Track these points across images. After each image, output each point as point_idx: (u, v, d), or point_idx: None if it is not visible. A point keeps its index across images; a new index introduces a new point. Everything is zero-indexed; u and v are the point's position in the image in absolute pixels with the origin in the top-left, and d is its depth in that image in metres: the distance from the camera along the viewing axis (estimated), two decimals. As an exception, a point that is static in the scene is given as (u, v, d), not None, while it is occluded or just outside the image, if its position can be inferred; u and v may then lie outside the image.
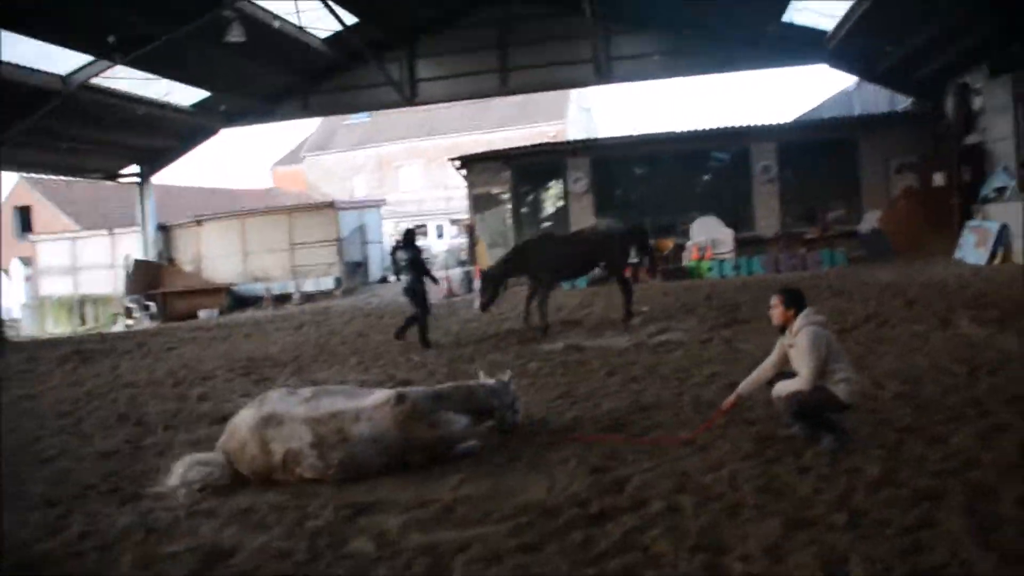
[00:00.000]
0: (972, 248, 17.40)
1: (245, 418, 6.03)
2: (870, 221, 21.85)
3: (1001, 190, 17.89)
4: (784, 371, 6.11)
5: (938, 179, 21.31)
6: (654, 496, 5.08)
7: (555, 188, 24.72)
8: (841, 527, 4.39)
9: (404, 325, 13.00)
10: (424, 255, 14.16)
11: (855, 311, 11.94)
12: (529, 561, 4.24)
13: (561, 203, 24.38)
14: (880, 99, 25.59)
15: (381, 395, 6.20)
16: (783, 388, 5.92)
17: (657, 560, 4.16)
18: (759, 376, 6.30)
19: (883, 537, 4.23)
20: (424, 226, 45.56)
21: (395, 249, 13.43)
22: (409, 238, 13.14)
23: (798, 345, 5.77)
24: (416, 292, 12.70)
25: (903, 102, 23.79)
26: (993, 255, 16.47)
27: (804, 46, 21.53)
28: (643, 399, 7.87)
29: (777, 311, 5.96)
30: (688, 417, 7.00)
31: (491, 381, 6.78)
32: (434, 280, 13.36)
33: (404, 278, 13.10)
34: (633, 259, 15.13)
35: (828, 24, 20.09)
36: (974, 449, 5.49)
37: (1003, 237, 16.45)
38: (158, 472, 6.60)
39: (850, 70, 23.46)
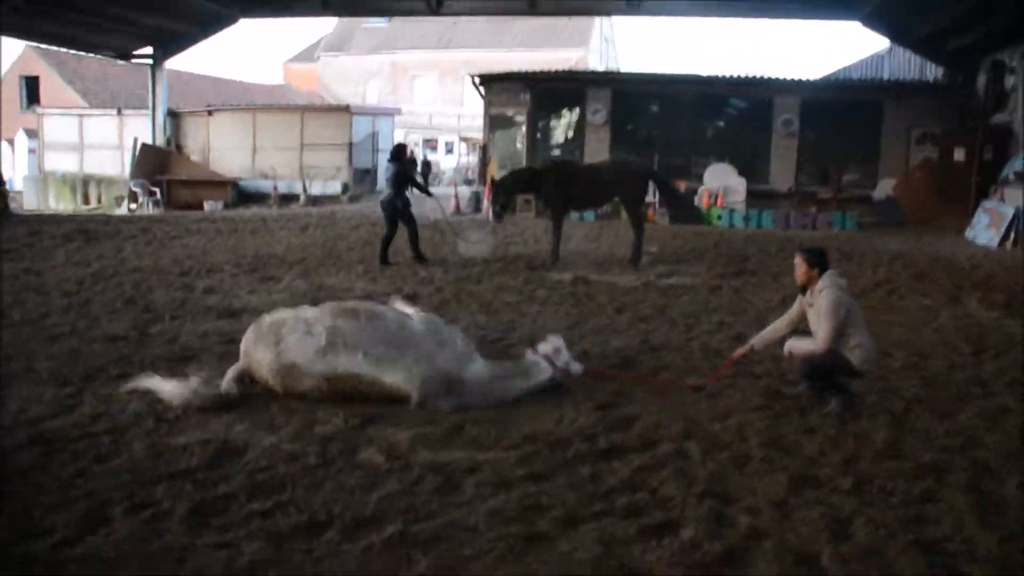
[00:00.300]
0: (984, 229, 17.31)
1: (264, 361, 5.67)
2: (885, 188, 21.71)
3: (1021, 174, 17.72)
4: (798, 329, 6.14)
5: (959, 154, 21.06)
6: (662, 438, 5.13)
7: (573, 117, 24.39)
8: (846, 491, 4.44)
9: (382, 249, 12.54)
10: (416, 170, 13.99)
11: (864, 276, 11.92)
12: (537, 490, 4.28)
13: (576, 133, 24.09)
14: (911, 67, 25.16)
15: (402, 383, 5.54)
16: (797, 346, 5.94)
17: (665, 503, 4.21)
18: (774, 332, 6.31)
19: (887, 505, 4.29)
20: (435, 140, 45.13)
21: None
22: (396, 152, 12.99)
23: (818, 305, 5.76)
24: (396, 208, 12.50)
25: (933, 73, 23.41)
26: (1005, 238, 16.39)
27: (843, 1, 21.05)
28: (652, 339, 7.90)
29: (801, 270, 5.93)
30: (697, 362, 7.03)
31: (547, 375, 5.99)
32: (426, 191, 13.28)
33: (385, 191, 12.83)
34: (649, 199, 15.02)
35: (871, -19, 19.62)
36: (979, 428, 5.54)
37: (1017, 221, 16.35)
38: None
39: (885, 33, 22.99)
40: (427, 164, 32.84)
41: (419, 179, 13.30)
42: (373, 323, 5.68)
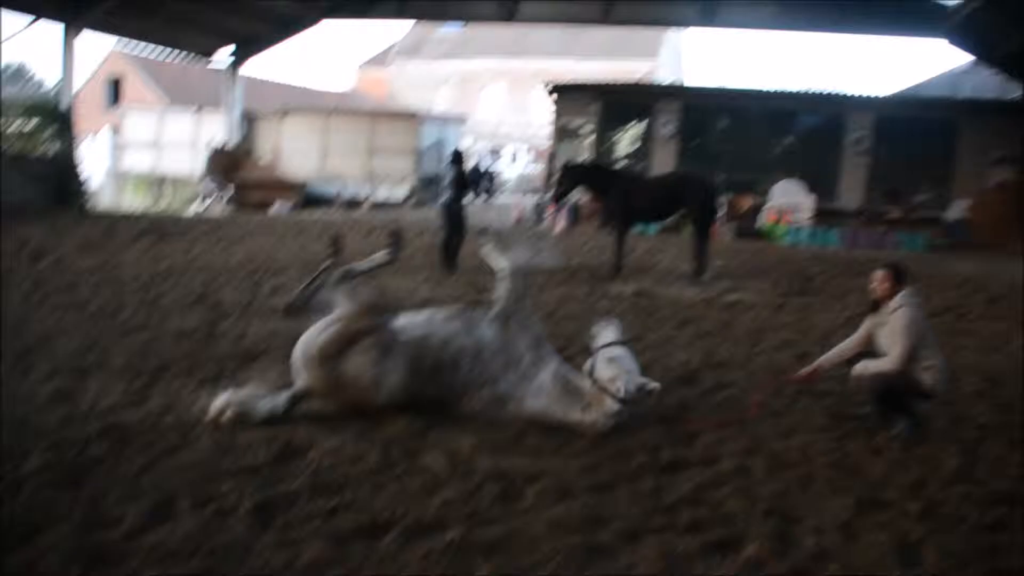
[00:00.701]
0: (1060, 254, 16.74)
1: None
2: (957, 210, 21.14)
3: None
4: (864, 351, 6.02)
5: (1037, 177, 20.46)
6: (725, 454, 5.08)
7: (641, 129, 24.29)
8: (915, 515, 4.35)
9: (444, 254, 12.77)
10: (477, 176, 14.08)
11: (933, 300, 11.59)
12: (599, 501, 4.27)
13: (644, 145, 23.99)
14: (990, 86, 24.51)
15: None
16: (867, 366, 5.80)
17: (727, 519, 4.16)
18: (842, 352, 6.21)
19: (958, 532, 4.19)
20: (500, 148, 45.31)
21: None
22: (456, 157, 13.18)
23: (892, 324, 5.64)
24: (452, 211, 12.69)
25: (1014, 93, 22.76)
26: (1081, 263, 15.83)
27: (923, 16, 20.62)
28: (715, 355, 7.82)
29: (885, 285, 5.80)
30: (760, 380, 6.93)
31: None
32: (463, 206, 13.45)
33: (445, 195, 13.06)
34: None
35: (954, -3, 19.20)
36: (1055, 458, 5.37)
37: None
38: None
39: (969, 49, 22.41)
40: (489, 175, 32.82)
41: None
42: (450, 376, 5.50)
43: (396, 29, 54.44)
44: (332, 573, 3.50)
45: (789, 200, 20.96)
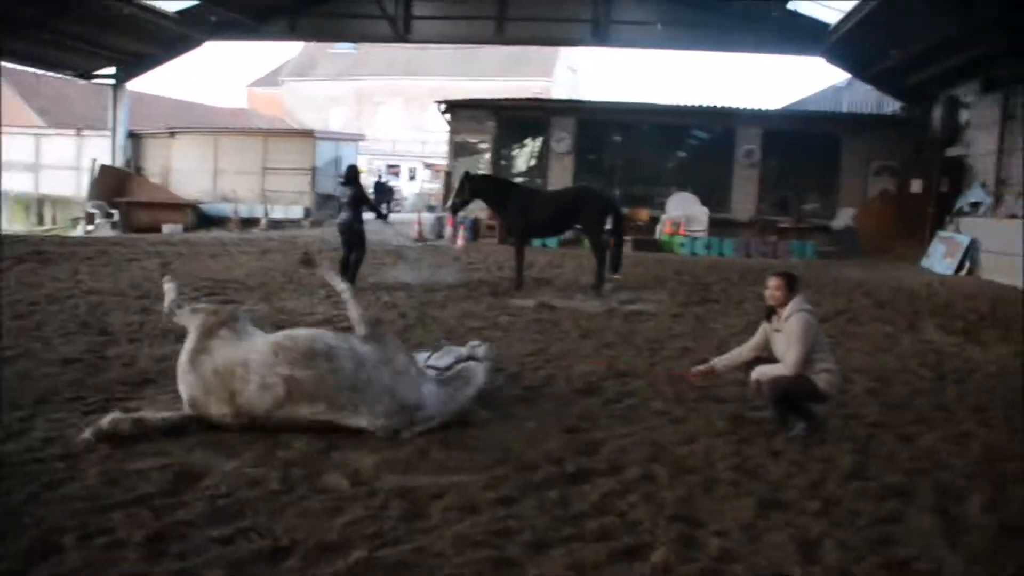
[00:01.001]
0: (940, 258, 17.66)
1: (217, 412, 5.37)
2: (844, 218, 22.09)
3: (976, 205, 18.15)
4: (760, 356, 6.17)
5: (915, 186, 21.56)
6: (629, 463, 5.09)
7: (537, 145, 24.52)
8: (814, 513, 4.44)
9: (342, 273, 12.55)
10: (381, 190, 13.98)
11: (824, 305, 12.04)
12: (506, 514, 4.21)
13: (540, 161, 24.21)
14: (868, 100, 25.72)
15: (369, 420, 5.35)
16: (764, 372, 5.93)
17: (634, 526, 4.16)
18: (737, 357, 6.35)
19: (855, 527, 4.29)
20: (397, 166, 45.10)
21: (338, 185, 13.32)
22: (351, 175, 13.06)
23: (787, 329, 5.78)
24: (353, 231, 12.56)
25: (890, 106, 23.93)
26: (960, 267, 16.75)
27: (804, 36, 21.52)
28: (617, 365, 7.88)
29: (779, 292, 5.92)
30: (661, 387, 7.01)
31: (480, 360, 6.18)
32: (380, 215, 13.27)
33: (342, 215, 12.87)
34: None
35: (832, 17, 20.05)
36: (942, 452, 5.59)
37: (972, 251, 16.72)
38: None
39: (845, 67, 23.48)
40: (388, 189, 32.62)
41: (373, 202, 13.30)
42: (331, 367, 5.35)
43: (287, 48, 53.57)
44: (231, 602, 3.34)
45: (685, 212, 21.47)
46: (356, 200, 12.58)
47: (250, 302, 10.88)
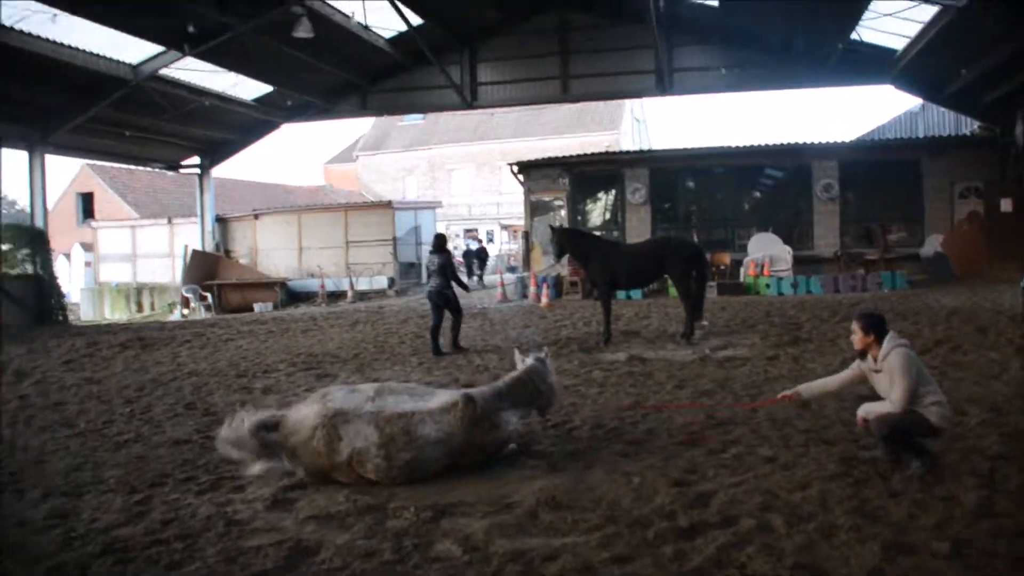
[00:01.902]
0: (1041, 277, 16.92)
1: (309, 414, 5.84)
2: (932, 244, 21.46)
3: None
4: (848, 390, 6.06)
5: (1005, 205, 20.83)
6: (742, 513, 4.97)
7: (612, 198, 24.60)
8: (945, 555, 4.25)
9: (432, 339, 12.66)
10: (473, 256, 14.11)
11: (923, 335, 11.64)
12: (622, 573, 4.15)
13: (616, 213, 24.25)
14: (946, 121, 25.13)
15: (447, 396, 6.14)
16: (871, 409, 5.78)
17: (757, 579, 4.05)
18: (824, 386, 6.38)
19: (992, 569, 4.09)
20: (475, 230, 45.66)
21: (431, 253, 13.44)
22: (439, 243, 13.11)
23: (888, 368, 5.62)
24: (445, 297, 12.70)
25: (969, 126, 23.33)
26: (1064, 285, 16.01)
27: (871, 65, 21.21)
28: (717, 414, 7.74)
29: (857, 336, 5.82)
30: (766, 432, 6.86)
31: (531, 360, 6.84)
32: (464, 287, 13.31)
33: (432, 282, 13.01)
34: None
35: (898, 43, 19.75)
36: (1074, 485, 5.31)
37: (1075, 267, 16.01)
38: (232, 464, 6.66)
39: (916, 92, 23.03)
40: (483, 251, 32.70)
41: (463, 271, 13.51)
42: (414, 386, 6.55)
43: (360, 124, 55.20)
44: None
45: (767, 252, 21.17)
46: (445, 268, 12.76)
47: (344, 374, 11.07)
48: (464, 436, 5.92)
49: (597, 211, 25.13)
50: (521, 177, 24.51)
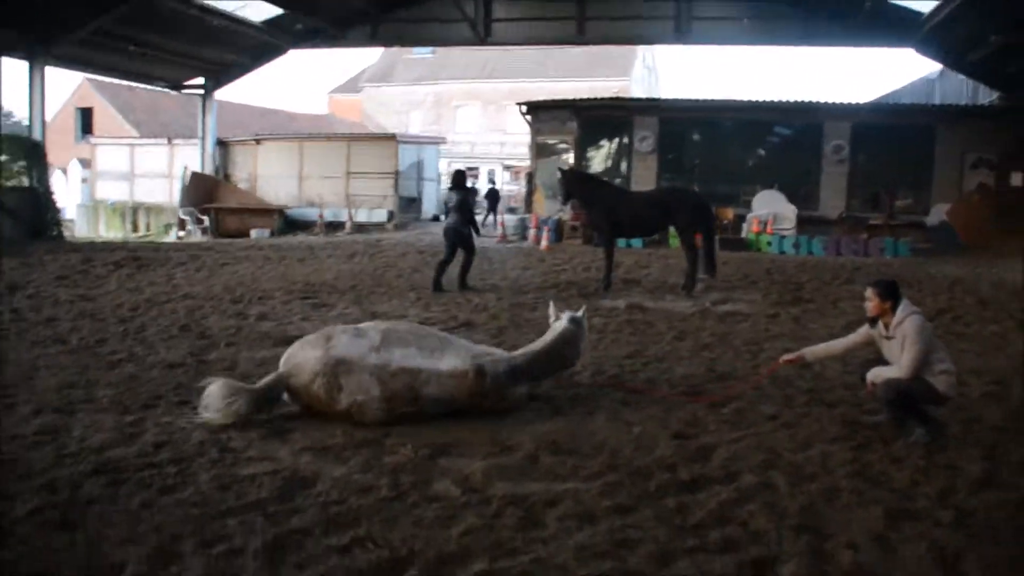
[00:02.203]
0: (1045, 252, 16.80)
1: (311, 358, 5.64)
2: (938, 214, 21.29)
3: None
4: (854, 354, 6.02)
5: (1016, 179, 20.64)
6: (744, 470, 4.91)
7: (619, 145, 24.29)
8: (948, 524, 4.20)
9: (437, 274, 12.50)
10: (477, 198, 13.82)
11: (925, 304, 11.53)
12: (624, 524, 4.08)
13: (623, 161, 23.97)
14: (963, 91, 24.77)
15: (458, 361, 5.77)
16: (879, 373, 5.69)
17: (758, 537, 3.98)
18: (828, 349, 6.32)
19: (996, 542, 4.04)
20: (476, 168, 45.25)
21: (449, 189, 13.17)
22: (459, 180, 12.83)
23: (901, 334, 5.52)
24: (461, 235, 12.48)
25: (986, 96, 22.99)
26: (1067, 262, 15.90)
27: (896, 27, 20.80)
28: (718, 367, 7.68)
29: (872, 303, 5.71)
30: (769, 390, 6.79)
31: (565, 321, 6.41)
32: (476, 229, 13.02)
33: (450, 219, 12.68)
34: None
35: (925, 6, 19.35)
36: (1077, 460, 5.26)
37: (1080, 244, 15.87)
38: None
39: (938, 57, 22.64)
40: (495, 192, 32.32)
41: (480, 212, 13.22)
42: (423, 331, 6.16)
43: (367, 55, 54.33)
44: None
45: (771, 210, 20.99)
46: (463, 205, 12.55)
47: (342, 305, 10.96)
48: (468, 402, 5.81)
49: (603, 157, 24.81)
50: (529, 118, 24.15)
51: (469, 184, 13.34)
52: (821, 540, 3.97)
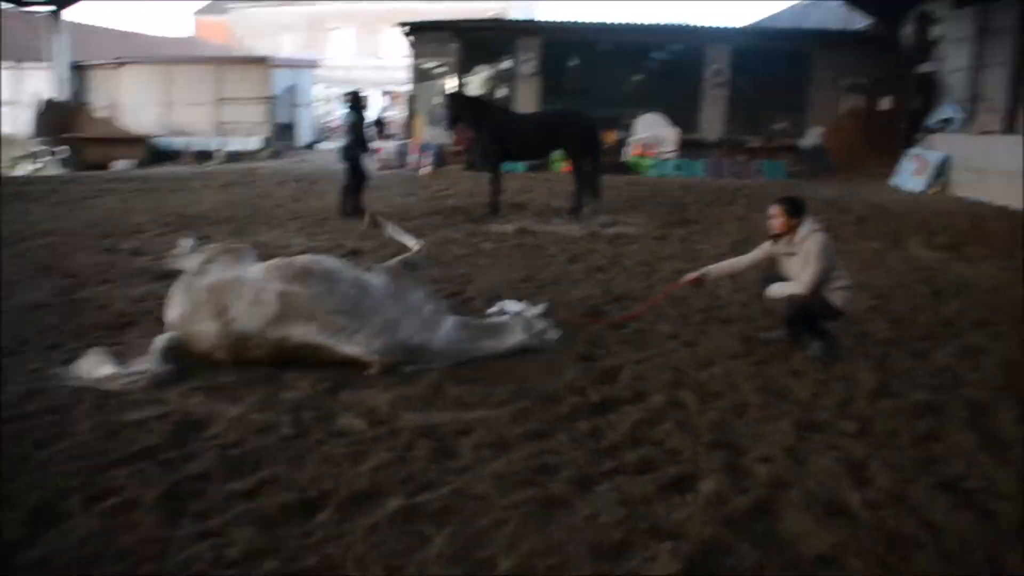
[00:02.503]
0: (910, 175, 17.56)
1: (210, 331, 5.13)
2: (813, 137, 21.90)
3: (947, 121, 18.04)
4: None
5: (885, 103, 21.41)
6: (652, 390, 4.89)
7: (501, 68, 23.85)
8: (853, 434, 4.31)
9: (343, 200, 12.27)
10: (367, 122, 13.30)
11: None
12: (540, 450, 3.98)
13: (505, 84, 23.59)
14: (836, 17, 25.34)
15: (360, 350, 5.06)
16: (779, 290, 5.75)
17: (675, 456, 3.97)
18: (731, 267, 6.30)
19: (897, 447, 4.16)
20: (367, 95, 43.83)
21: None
22: (354, 101, 12.50)
23: (804, 251, 5.57)
24: (354, 156, 12.15)
25: (859, 23, 23.61)
26: (930, 184, 16.68)
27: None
28: (613, 289, 7.66)
29: (779, 220, 5.73)
30: (664, 310, 6.79)
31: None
32: (365, 148, 12.67)
33: (343, 140, 12.49)
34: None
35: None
36: (958, 368, 5.49)
37: (943, 168, 16.64)
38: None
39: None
40: (380, 122, 31.25)
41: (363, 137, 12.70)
42: (329, 287, 5.13)
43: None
44: (270, 563, 3.05)
45: (653, 133, 21.12)
46: (355, 127, 12.20)
47: (220, 237, 10.41)
48: None
49: (484, 80, 24.35)
50: (409, 40, 23.41)
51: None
52: (737, 456, 3.99)
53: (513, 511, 3.37)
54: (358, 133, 12.29)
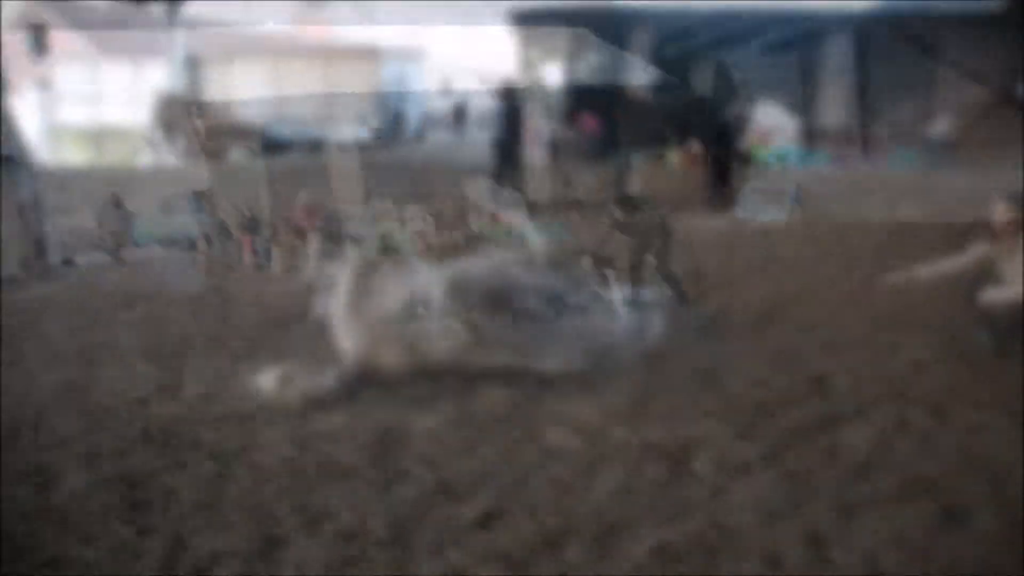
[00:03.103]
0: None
1: (393, 359, 4.95)
2: (942, 126, 20.78)
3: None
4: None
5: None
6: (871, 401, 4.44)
7: (615, 55, 23.27)
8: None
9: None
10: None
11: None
12: (780, 473, 3.59)
13: (620, 72, 23.05)
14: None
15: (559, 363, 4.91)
16: (998, 295, 5.22)
17: (931, 481, 3.52)
18: (942, 269, 5.64)
19: None
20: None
21: None
22: (507, 93, 12.94)
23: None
24: (504, 149, 12.25)
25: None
26: None
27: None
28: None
29: (1008, 219, 5.20)
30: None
31: None
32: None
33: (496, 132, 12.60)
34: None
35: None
36: None
37: None
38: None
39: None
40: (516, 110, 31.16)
41: None
42: (517, 308, 4.99)
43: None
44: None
45: (772, 121, 20.36)
46: (510, 116, 12.52)
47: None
48: None
49: (598, 69, 23.81)
50: (518, 30, 23.02)
51: None
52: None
53: (779, 545, 2.97)
54: (511, 124, 12.17)
